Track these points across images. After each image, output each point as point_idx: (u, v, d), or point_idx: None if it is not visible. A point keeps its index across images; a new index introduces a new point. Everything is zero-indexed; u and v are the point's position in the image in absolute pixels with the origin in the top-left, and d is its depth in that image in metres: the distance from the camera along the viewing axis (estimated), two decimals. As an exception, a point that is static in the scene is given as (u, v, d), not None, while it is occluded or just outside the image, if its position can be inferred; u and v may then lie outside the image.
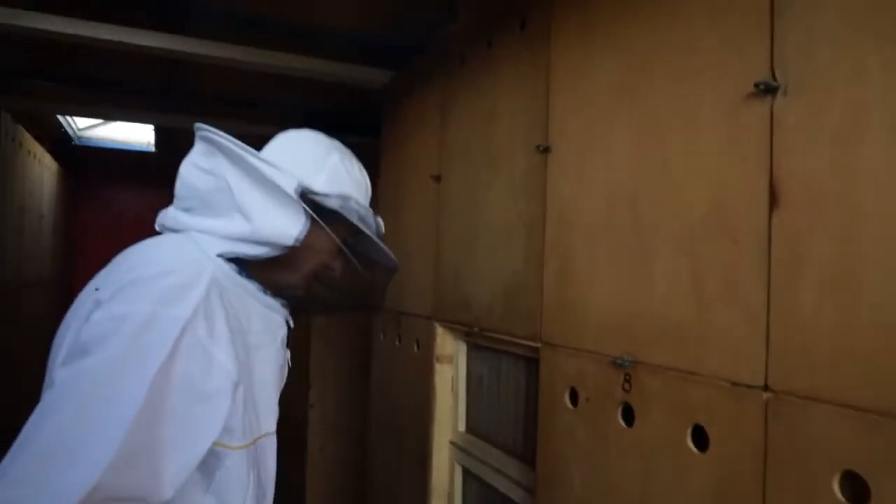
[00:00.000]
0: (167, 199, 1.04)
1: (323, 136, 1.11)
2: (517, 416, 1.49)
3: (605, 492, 1.05)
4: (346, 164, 1.08)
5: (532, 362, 1.42)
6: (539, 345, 1.25)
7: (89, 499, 0.71)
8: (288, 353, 1.31)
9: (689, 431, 0.91)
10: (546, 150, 1.27)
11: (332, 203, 1.00)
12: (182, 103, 2.89)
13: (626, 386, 1.02)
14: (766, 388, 0.80)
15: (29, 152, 3.57)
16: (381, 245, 1.10)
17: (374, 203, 1.21)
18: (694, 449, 0.90)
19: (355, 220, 1.02)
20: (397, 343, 1.96)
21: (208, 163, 0.97)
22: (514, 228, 1.37)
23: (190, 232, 0.99)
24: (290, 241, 0.96)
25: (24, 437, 0.74)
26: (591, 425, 1.10)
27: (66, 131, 4.19)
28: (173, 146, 4.23)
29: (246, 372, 1.01)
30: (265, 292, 1.04)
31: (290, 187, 0.94)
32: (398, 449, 1.94)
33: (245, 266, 1.02)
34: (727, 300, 0.86)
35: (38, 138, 3.69)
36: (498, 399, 1.57)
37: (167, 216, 1.04)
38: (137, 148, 4.68)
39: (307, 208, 0.95)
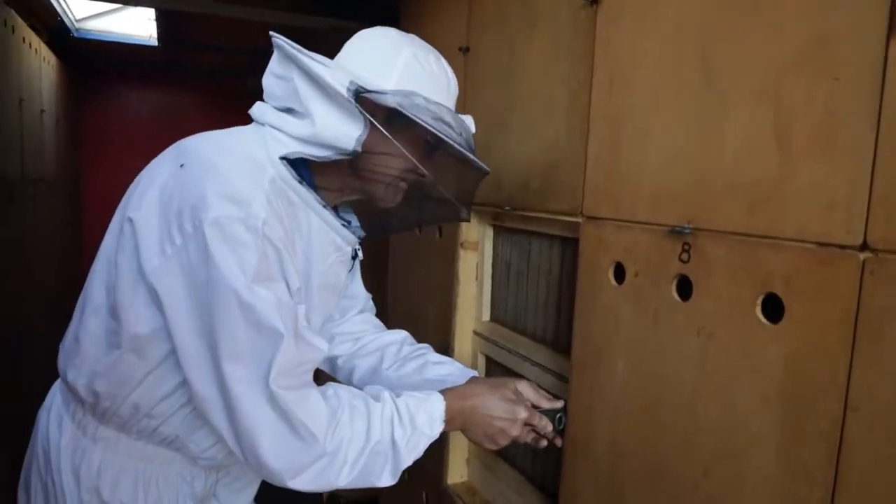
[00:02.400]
0: (172, 96, 1.01)
1: (395, 31, 1.06)
2: (548, 302, 1.41)
3: (655, 373, 0.98)
4: (422, 59, 1.02)
5: (568, 242, 1.32)
6: (580, 220, 1.14)
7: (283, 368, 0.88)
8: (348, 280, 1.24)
9: (759, 301, 0.82)
10: (595, 1, 1.12)
11: (390, 101, 0.95)
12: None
13: (685, 256, 0.92)
14: (864, 247, 0.70)
15: (24, 40, 3.38)
16: (461, 149, 1.02)
17: None
18: (764, 320, 0.81)
19: (424, 119, 0.96)
20: (417, 232, 1.86)
21: (282, 69, 0.98)
22: (555, 97, 1.24)
23: (265, 127, 1.00)
24: (351, 144, 0.94)
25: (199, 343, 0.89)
26: (640, 302, 1.01)
27: (62, 21, 3.96)
28: (176, 40, 4.02)
29: (304, 277, 1.03)
30: (325, 206, 1.01)
31: (342, 86, 0.91)
32: (418, 341, 1.88)
33: (312, 176, 1.02)
34: (820, 150, 0.74)
35: (34, 28, 3.49)
36: (526, 285, 1.49)
37: (256, 106, 1.04)
38: (139, 41, 4.45)
39: (360, 109, 0.92)
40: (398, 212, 1.12)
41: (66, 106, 4.48)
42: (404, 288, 2.02)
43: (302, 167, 0.99)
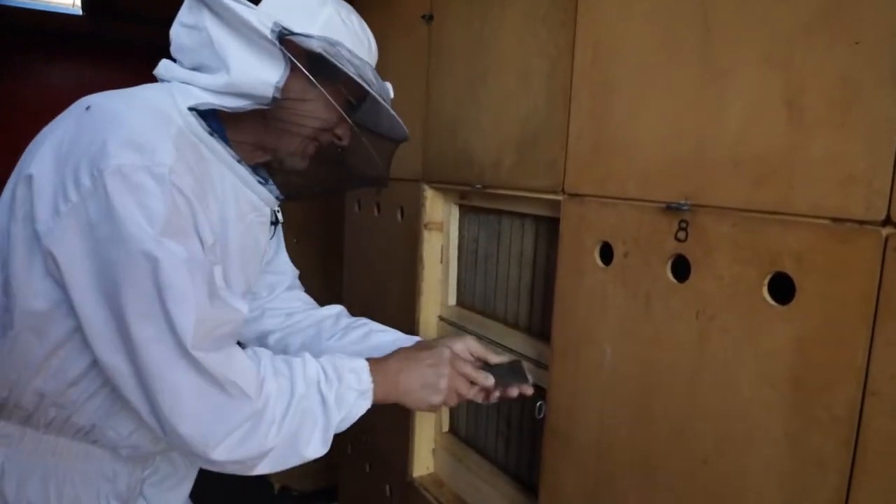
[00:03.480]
0: (98, 70, 0.90)
1: None
2: (521, 285, 1.35)
3: (647, 358, 0.93)
4: (344, 15, 0.98)
5: (542, 221, 1.26)
6: (561, 197, 1.08)
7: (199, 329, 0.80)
8: (269, 248, 1.17)
9: (766, 281, 0.77)
10: (577, -36, 1.05)
11: (315, 45, 0.90)
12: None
13: (681, 234, 0.87)
14: (886, 222, 0.66)
15: (-72, 4, 3.07)
16: (387, 106, 0.99)
17: None
18: (771, 301, 0.77)
19: (347, 70, 0.92)
20: (376, 213, 1.77)
21: (192, 18, 0.91)
22: (531, 67, 1.16)
23: (172, 83, 0.93)
24: (269, 91, 0.88)
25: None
26: (630, 284, 0.95)
27: (-28, -16, 3.63)
28: (102, 8, 3.73)
29: (221, 238, 0.96)
30: (239, 160, 0.95)
31: (265, 27, 0.86)
32: (378, 327, 1.80)
33: (224, 129, 0.95)
34: (837, 119, 0.70)
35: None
36: (496, 267, 1.42)
37: (161, 64, 0.97)
38: (60, 9, 4.12)
39: (286, 52, 0.87)
40: (315, 174, 1.07)
41: (-22, 79, 4.12)
42: (361, 272, 1.92)
43: (213, 121, 0.92)
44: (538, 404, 1.12)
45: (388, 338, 1.19)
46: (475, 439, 1.53)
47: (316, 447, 0.93)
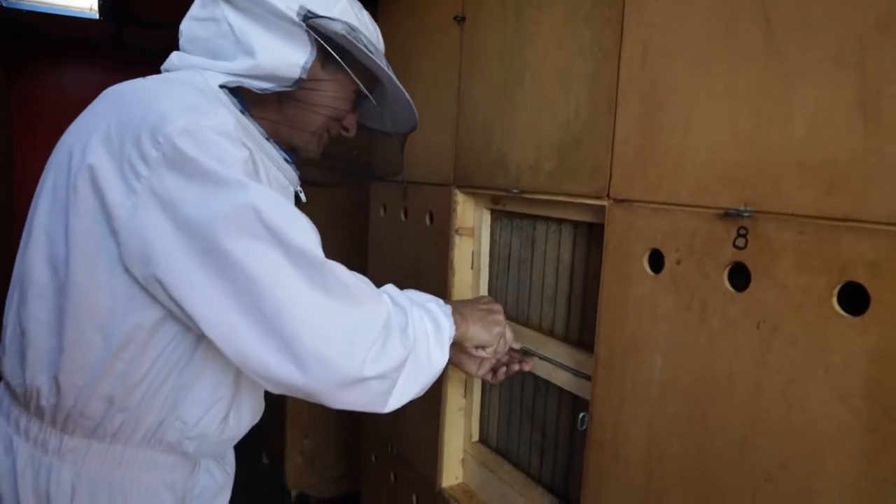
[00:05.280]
0: (116, 74, 0.95)
1: None
2: (558, 292, 1.31)
3: (703, 370, 0.89)
4: (356, 9, 1.02)
5: (583, 226, 1.23)
6: (606, 203, 1.05)
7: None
8: None
9: (835, 291, 0.74)
10: (623, -37, 1.02)
11: (339, 28, 0.94)
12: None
13: (741, 242, 0.84)
14: (976, 229, 0.62)
15: (-52, 8, 3.07)
16: (402, 89, 1.03)
17: None
18: (842, 311, 0.73)
19: (366, 53, 0.96)
20: (403, 218, 1.74)
21: (206, 11, 0.94)
22: (573, 69, 1.13)
23: (192, 69, 0.94)
24: (296, 72, 0.91)
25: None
26: (684, 293, 0.92)
27: (-9, -11, 3.64)
28: (120, 13, 3.74)
29: None
30: (267, 139, 0.96)
31: (292, 10, 0.89)
32: (404, 334, 1.76)
33: (249, 111, 0.95)
34: (919, 121, 0.66)
35: (-42, -6, 3.18)
36: (530, 274, 1.39)
37: (172, 56, 0.98)
38: (78, 14, 4.12)
39: (312, 34, 0.91)
40: (331, 157, 1.13)
41: (-3, 83, 4.13)
42: (386, 278, 1.89)
43: (239, 102, 0.94)
44: (581, 416, 1.08)
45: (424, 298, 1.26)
46: (507, 449, 1.49)
47: (440, 355, 0.94)
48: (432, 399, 1.58)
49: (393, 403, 0.89)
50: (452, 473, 1.59)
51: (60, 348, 0.85)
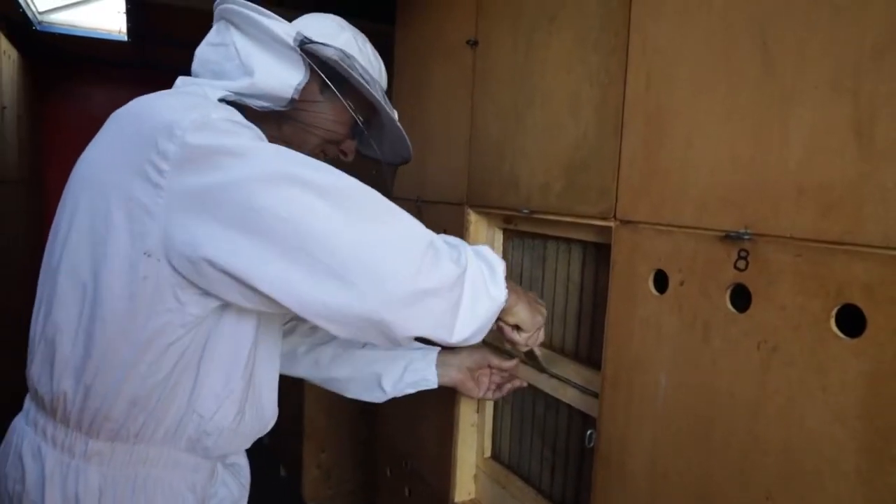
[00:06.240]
0: (142, 95, 0.99)
1: (338, 18, 1.13)
2: (568, 311, 1.33)
3: (705, 388, 0.91)
4: (360, 42, 1.09)
5: (590, 247, 1.25)
6: (613, 224, 1.07)
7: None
8: None
9: (833, 313, 0.75)
10: (628, -9, 1.05)
11: (332, 53, 1.00)
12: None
13: (741, 264, 0.86)
14: (965, 253, 0.64)
15: (-15, 33, 3.20)
16: (395, 121, 1.10)
17: (390, 89, 1.21)
18: (839, 333, 0.75)
19: (360, 80, 1.02)
20: (418, 236, 1.77)
21: (219, 37, 1.01)
22: (581, 93, 1.16)
23: (194, 86, 1.02)
24: (289, 92, 0.97)
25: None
26: (687, 313, 0.94)
27: (24, 13, 3.77)
28: (148, 35, 3.85)
29: None
30: None
31: (288, 35, 0.96)
32: (419, 350, 1.79)
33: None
34: (910, 148, 0.68)
35: (-7, 19, 3.31)
36: (541, 292, 1.41)
37: (178, 80, 1.06)
38: (107, 36, 4.26)
39: (305, 58, 0.97)
40: None
41: (29, 103, 4.27)
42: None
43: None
44: (588, 433, 1.10)
45: (417, 343, 1.29)
46: (518, 465, 1.51)
47: (498, 290, 0.97)
48: (446, 415, 1.60)
49: (459, 331, 0.91)
50: (465, 489, 1.61)
51: (87, 355, 0.90)
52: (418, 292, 0.85)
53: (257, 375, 1.02)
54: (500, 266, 0.99)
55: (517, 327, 1.10)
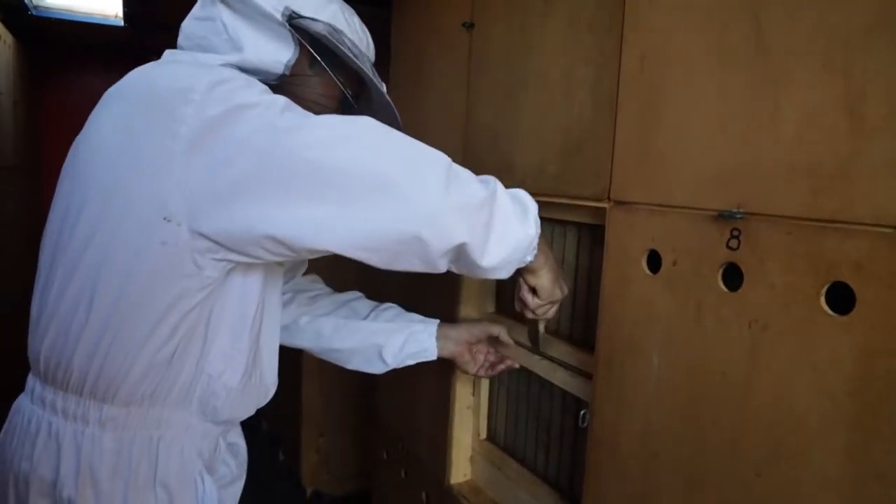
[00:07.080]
0: None
1: None
2: (563, 293, 1.34)
3: (697, 367, 0.91)
4: (347, 15, 1.08)
5: (586, 228, 1.25)
6: (607, 205, 1.07)
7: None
8: None
9: (823, 291, 0.76)
10: (623, -28, 1.04)
11: (321, 28, 1.00)
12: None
13: (734, 243, 0.86)
14: (954, 230, 0.64)
15: (-21, 17, 3.18)
16: (384, 93, 1.10)
17: (386, 73, 1.21)
18: (829, 311, 0.75)
19: (348, 55, 1.02)
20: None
21: (204, 12, 1.00)
22: (575, 75, 1.16)
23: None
24: (279, 69, 0.99)
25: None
26: (680, 293, 0.94)
27: (20, -3, 3.74)
28: (144, 20, 3.83)
29: None
30: None
31: (276, 10, 0.96)
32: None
33: None
34: (900, 125, 0.68)
35: (-13, 4, 3.29)
36: (537, 276, 1.41)
37: (166, 53, 1.06)
38: (104, 21, 4.23)
39: (295, 33, 0.98)
40: None
41: (25, 88, 4.25)
42: (393, 276, 1.93)
43: None
44: (582, 413, 1.11)
45: (417, 317, 1.34)
46: (514, 447, 1.52)
47: (528, 224, 0.99)
48: (441, 397, 1.61)
49: (491, 252, 0.93)
50: (461, 470, 1.62)
51: (105, 325, 0.90)
52: (451, 205, 0.87)
53: (262, 336, 1.04)
54: (533, 207, 1.02)
55: (534, 291, 1.10)
